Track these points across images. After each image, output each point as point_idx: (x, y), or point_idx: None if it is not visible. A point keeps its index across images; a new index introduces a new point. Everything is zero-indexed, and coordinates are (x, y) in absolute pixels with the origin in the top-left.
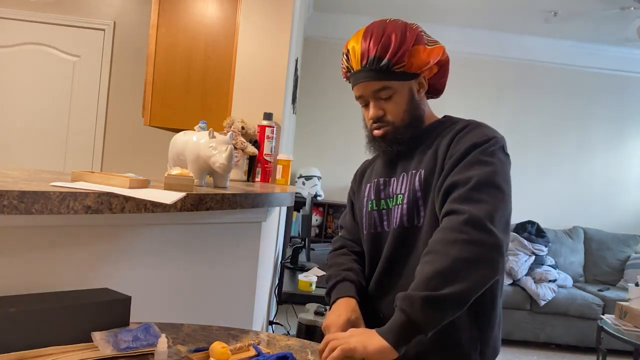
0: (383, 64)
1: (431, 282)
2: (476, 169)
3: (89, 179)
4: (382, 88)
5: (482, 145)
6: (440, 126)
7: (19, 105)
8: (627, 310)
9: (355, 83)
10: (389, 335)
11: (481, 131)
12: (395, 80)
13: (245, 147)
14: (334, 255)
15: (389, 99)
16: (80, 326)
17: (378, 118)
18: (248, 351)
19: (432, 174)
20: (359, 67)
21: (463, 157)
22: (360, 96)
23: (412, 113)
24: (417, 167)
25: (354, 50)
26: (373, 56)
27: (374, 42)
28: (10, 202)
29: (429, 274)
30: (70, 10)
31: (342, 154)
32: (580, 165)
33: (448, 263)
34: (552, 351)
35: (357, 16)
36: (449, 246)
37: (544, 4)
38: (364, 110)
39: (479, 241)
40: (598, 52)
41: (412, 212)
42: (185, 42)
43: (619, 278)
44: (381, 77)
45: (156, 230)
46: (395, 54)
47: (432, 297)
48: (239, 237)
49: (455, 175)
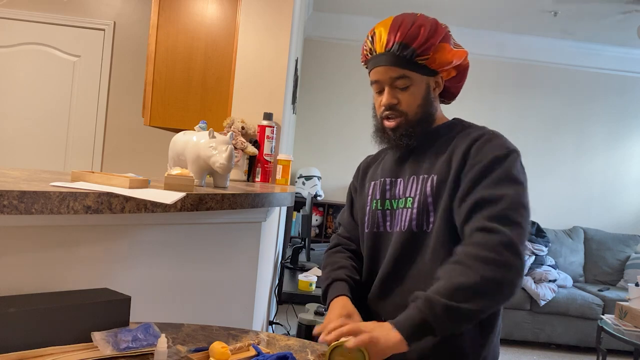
0: (407, 52)
1: (456, 293)
2: (507, 187)
3: (89, 179)
4: (401, 76)
5: (506, 159)
6: (452, 129)
7: (19, 105)
8: (627, 310)
9: (374, 66)
10: (404, 331)
11: (500, 142)
12: (416, 71)
13: (245, 147)
14: (328, 255)
15: (405, 89)
16: (80, 326)
17: (391, 106)
18: (248, 351)
19: (445, 181)
20: (383, 50)
21: (488, 170)
22: (376, 81)
23: (426, 109)
24: (428, 172)
25: (380, 34)
26: (399, 42)
27: (403, 29)
28: (10, 202)
29: (457, 284)
30: (70, 10)
31: (342, 154)
32: (580, 165)
33: (477, 280)
34: (552, 351)
35: (357, 16)
36: (482, 264)
37: (544, 4)
38: (377, 97)
39: (510, 265)
40: (598, 52)
41: (421, 218)
42: (185, 42)
43: (619, 278)
44: (403, 65)
45: (156, 230)
46: (422, 45)
47: (454, 308)
48: (239, 237)
49: (485, 190)
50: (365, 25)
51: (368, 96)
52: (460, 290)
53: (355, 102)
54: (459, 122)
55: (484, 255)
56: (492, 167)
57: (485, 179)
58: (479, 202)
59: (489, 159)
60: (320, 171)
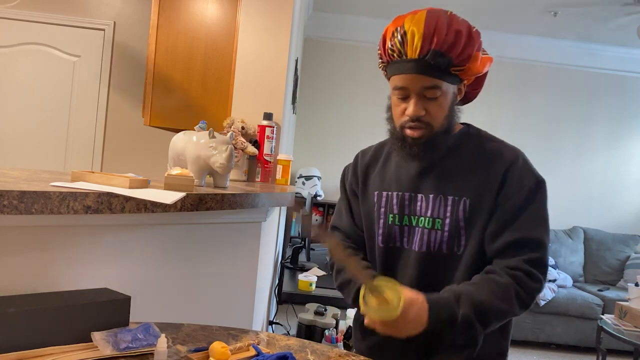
0: (443, 62)
1: (488, 316)
2: (542, 229)
3: (89, 179)
4: (433, 86)
5: (538, 192)
6: (469, 139)
7: (19, 105)
8: (627, 310)
9: (402, 72)
10: (431, 320)
11: (531, 172)
12: (447, 81)
13: (245, 147)
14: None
15: (434, 99)
16: (80, 326)
17: (418, 117)
18: (248, 351)
19: (479, 205)
20: (415, 56)
21: (523, 206)
22: (403, 87)
23: (450, 120)
24: (458, 194)
25: (413, 35)
26: (436, 50)
27: (439, 34)
28: (10, 202)
29: (495, 308)
30: (70, 10)
31: (342, 154)
32: (580, 165)
33: (508, 312)
34: (552, 351)
35: (357, 16)
36: (518, 301)
37: (544, 4)
38: (398, 103)
39: (533, 300)
40: (598, 52)
41: (453, 240)
42: (185, 42)
43: (619, 278)
44: (437, 75)
45: (156, 230)
46: (459, 55)
47: (477, 327)
48: (239, 237)
49: (523, 230)
50: (365, 25)
51: (368, 96)
52: (493, 315)
53: (355, 102)
54: (475, 132)
55: (523, 297)
56: (527, 202)
57: (521, 215)
58: (519, 241)
59: (525, 193)
60: (320, 171)
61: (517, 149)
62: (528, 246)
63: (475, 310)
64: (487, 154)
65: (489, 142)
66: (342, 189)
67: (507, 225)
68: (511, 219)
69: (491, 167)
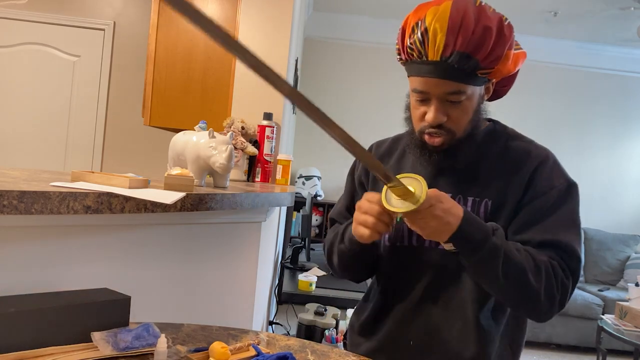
0: (469, 66)
1: (513, 267)
2: (573, 233)
3: (89, 179)
4: (456, 91)
5: (569, 196)
6: (495, 138)
7: (19, 105)
8: (627, 310)
9: (423, 74)
10: (462, 225)
11: (563, 173)
12: (474, 84)
13: (245, 147)
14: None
15: (456, 104)
16: (80, 326)
17: (439, 124)
18: (248, 351)
19: (503, 206)
20: (437, 58)
21: (554, 208)
22: (423, 92)
23: (475, 123)
24: (480, 195)
25: (435, 33)
26: (461, 52)
27: (465, 32)
28: (10, 202)
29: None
30: (70, 10)
31: (342, 154)
32: (580, 165)
33: (532, 284)
34: (552, 351)
35: (357, 16)
36: (546, 285)
37: (544, 4)
38: (417, 105)
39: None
40: (598, 52)
41: None
42: (185, 42)
43: (619, 278)
44: (461, 79)
45: (156, 230)
46: (487, 57)
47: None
48: (239, 237)
49: (553, 232)
50: (365, 25)
51: (368, 96)
52: (519, 273)
53: (355, 101)
54: (501, 129)
55: (552, 283)
56: (557, 204)
57: (551, 216)
58: (548, 243)
59: (555, 194)
60: (320, 171)
61: (546, 149)
62: (559, 250)
63: (505, 251)
64: (514, 154)
65: (516, 141)
66: (350, 181)
67: (533, 225)
68: (537, 219)
69: (518, 167)
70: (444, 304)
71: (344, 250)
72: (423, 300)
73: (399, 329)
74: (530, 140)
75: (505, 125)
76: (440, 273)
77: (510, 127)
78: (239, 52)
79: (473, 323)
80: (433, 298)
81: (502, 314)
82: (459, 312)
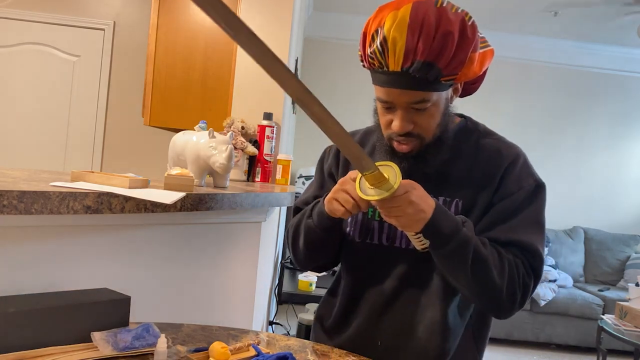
0: (431, 74)
1: (480, 262)
2: (536, 235)
3: (89, 179)
4: (420, 100)
5: (536, 197)
6: (465, 136)
7: (19, 105)
8: (627, 310)
9: (384, 85)
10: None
11: (531, 173)
12: (439, 90)
13: (245, 147)
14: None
15: (422, 111)
16: (80, 326)
17: (405, 133)
18: (248, 351)
19: (473, 206)
20: (398, 69)
21: (520, 209)
22: (387, 101)
23: (443, 126)
24: (450, 195)
25: (394, 43)
26: (422, 61)
27: (426, 40)
28: (10, 202)
29: (487, 262)
30: (70, 10)
31: None
32: (580, 165)
33: (495, 281)
34: (552, 351)
35: (357, 16)
36: (508, 282)
37: (544, 4)
38: (384, 113)
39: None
40: (598, 52)
41: None
42: (185, 42)
43: (619, 278)
44: (424, 87)
45: (156, 230)
46: (451, 63)
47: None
48: (239, 237)
49: (517, 233)
50: None
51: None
52: (485, 268)
53: (355, 101)
54: (472, 127)
55: (515, 281)
56: (524, 205)
57: (516, 217)
58: (512, 243)
59: (523, 195)
60: None
61: (517, 147)
62: (521, 250)
63: (475, 245)
64: (485, 154)
65: (488, 138)
66: (319, 171)
67: (498, 224)
68: (503, 219)
69: (488, 167)
70: (412, 303)
71: (311, 225)
72: (391, 300)
73: (367, 328)
74: (501, 137)
75: (476, 122)
76: (408, 272)
77: (482, 124)
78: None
79: (440, 321)
80: (401, 297)
81: (467, 310)
82: (427, 311)
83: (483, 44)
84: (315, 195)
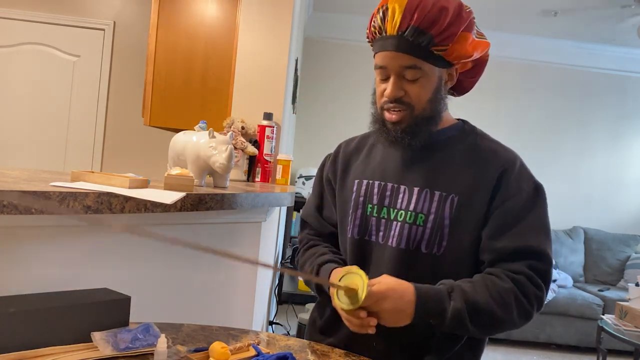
0: (423, 40)
1: (482, 317)
2: (543, 238)
3: (89, 179)
4: (411, 66)
5: (537, 199)
6: (463, 135)
7: (19, 105)
8: (627, 310)
9: (381, 49)
10: (417, 312)
11: (529, 176)
12: (429, 62)
13: (245, 147)
14: (302, 253)
15: (414, 81)
16: (80, 326)
17: (396, 99)
18: (248, 351)
19: (469, 204)
20: (394, 32)
21: (524, 213)
22: (382, 66)
23: (435, 105)
24: (447, 189)
25: (393, 11)
26: (415, 26)
27: (422, 10)
28: (10, 202)
29: (491, 312)
30: (70, 10)
31: None
32: (580, 165)
33: (503, 319)
34: (552, 351)
35: (357, 16)
36: (518, 311)
37: (544, 4)
38: (380, 83)
39: (531, 317)
40: (598, 52)
41: (434, 239)
42: (185, 42)
43: (619, 278)
44: (416, 53)
45: (156, 230)
46: (441, 33)
47: (468, 325)
48: (239, 237)
49: (525, 239)
50: (365, 25)
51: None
52: (486, 316)
53: (355, 101)
54: (470, 128)
55: (524, 305)
56: (527, 208)
57: (522, 222)
58: (521, 250)
59: (524, 198)
60: None
61: (514, 152)
62: (531, 256)
63: (468, 307)
64: (482, 153)
65: (485, 140)
66: (318, 179)
67: (506, 230)
68: (511, 224)
69: (486, 166)
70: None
71: (312, 283)
72: None
73: None
74: (498, 141)
75: (474, 126)
76: (403, 271)
77: (479, 128)
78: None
79: None
80: None
81: None
82: None
83: (480, 36)
84: (317, 205)
